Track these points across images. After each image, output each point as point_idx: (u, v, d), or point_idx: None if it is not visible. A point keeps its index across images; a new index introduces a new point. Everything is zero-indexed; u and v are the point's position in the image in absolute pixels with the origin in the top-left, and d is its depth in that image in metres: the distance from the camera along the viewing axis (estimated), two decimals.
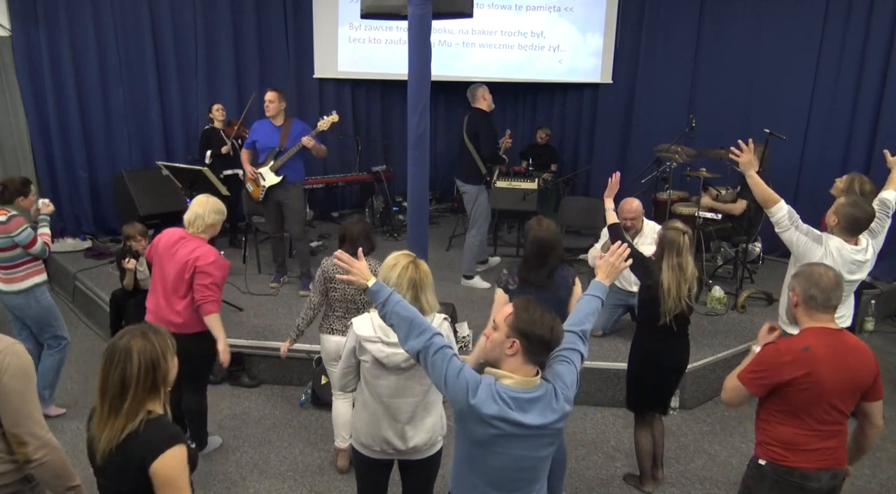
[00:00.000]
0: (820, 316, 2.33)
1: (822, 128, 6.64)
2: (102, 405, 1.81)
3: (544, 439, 2.00)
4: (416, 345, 2.03)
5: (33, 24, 6.49)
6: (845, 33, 6.40)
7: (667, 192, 6.11)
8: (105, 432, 1.80)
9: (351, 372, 2.62)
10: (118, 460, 1.80)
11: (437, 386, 2.03)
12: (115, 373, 1.79)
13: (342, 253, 2.25)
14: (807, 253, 3.15)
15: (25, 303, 3.86)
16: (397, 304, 2.11)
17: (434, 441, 2.64)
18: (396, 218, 7.75)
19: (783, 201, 3.20)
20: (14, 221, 3.75)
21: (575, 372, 2.08)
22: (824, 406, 2.28)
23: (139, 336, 1.83)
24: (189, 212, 3.51)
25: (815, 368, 2.24)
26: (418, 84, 4.07)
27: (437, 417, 2.63)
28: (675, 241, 3.16)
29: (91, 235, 7.12)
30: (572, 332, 2.16)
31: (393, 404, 2.53)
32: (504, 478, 2.02)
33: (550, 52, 8.12)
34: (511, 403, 1.92)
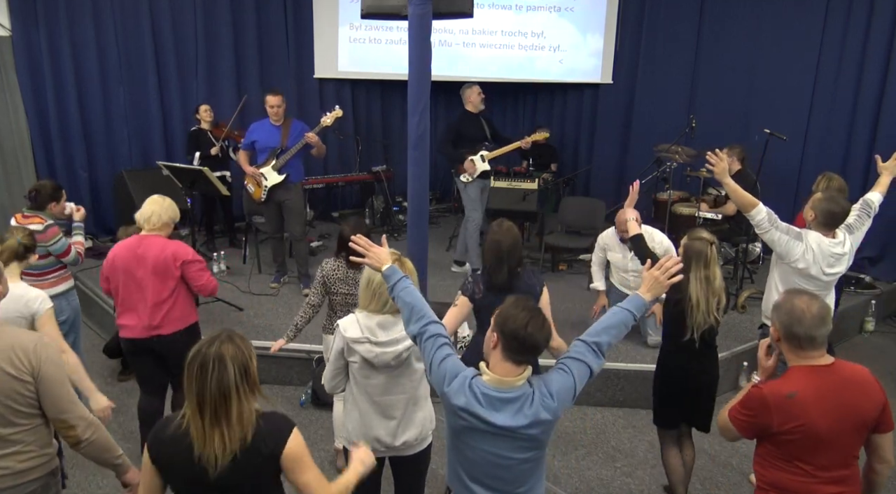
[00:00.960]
0: (807, 354, 2.11)
1: (822, 128, 6.64)
2: (202, 415, 1.78)
3: (518, 442, 1.97)
4: (413, 330, 2.15)
5: (33, 23, 6.49)
6: (845, 33, 6.40)
7: (667, 192, 6.11)
8: (215, 443, 1.78)
9: (340, 373, 2.63)
10: (245, 463, 1.81)
11: (426, 371, 2.12)
12: (212, 382, 1.77)
13: (360, 238, 2.33)
14: (788, 250, 3.22)
15: (58, 307, 3.86)
16: (403, 290, 2.21)
17: (424, 436, 2.65)
18: (396, 218, 7.76)
19: (761, 204, 3.25)
20: (50, 230, 3.78)
21: (570, 383, 1.99)
22: (823, 451, 2.08)
23: (228, 342, 1.83)
24: (143, 209, 3.43)
25: (805, 415, 2.04)
26: (418, 84, 4.07)
27: (426, 411, 2.65)
28: (703, 252, 3.01)
29: (91, 235, 7.11)
30: (584, 342, 2.07)
31: (384, 401, 2.56)
32: (480, 473, 2.05)
33: (550, 52, 8.13)
34: (482, 399, 1.94)
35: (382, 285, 2.45)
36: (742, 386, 4.57)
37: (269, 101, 5.33)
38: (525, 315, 1.93)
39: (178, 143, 7.38)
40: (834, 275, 3.30)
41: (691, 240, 3.09)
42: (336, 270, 3.46)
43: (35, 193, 3.86)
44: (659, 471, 3.75)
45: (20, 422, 2.08)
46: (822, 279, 3.26)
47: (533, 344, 1.93)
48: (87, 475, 3.64)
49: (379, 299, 2.49)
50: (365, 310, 2.53)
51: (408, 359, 2.51)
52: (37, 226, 3.73)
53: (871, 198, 3.52)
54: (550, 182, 7.48)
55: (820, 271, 3.23)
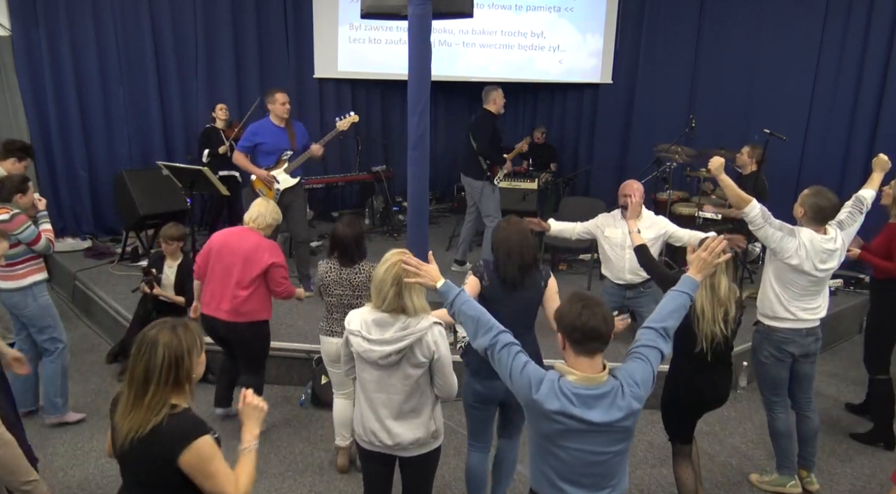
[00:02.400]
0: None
1: (822, 128, 6.64)
2: (129, 393, 1.84)
3: (613, 435, 2.01)
4: (483, 343, 2.13)
5: (33, 24, 6.49)
6: (845, 33, 6.41)
7: (667, 192, 6.11)
8: (127, 421, 1.83)
9: (350, 360, 2.68)
10: (141, 451, 1.83)
11: (504, 380, 2.09)
12: (140, 363, 1.82)
13: (410, 258, 2.33)
14: (782, 246, 3.26)
15: (23, 301, 3.83)
16: (464, 304, 2.20)
17: (424, 442, 2.64)
18: (396, 218, 7.75)
19: (755, 200, 3.29)
20: (17, 219, 3.74)
21: (650, 370, 2.07)
22: None
23: (168, 329, 1.85)
24: (251, 210, 3.82)
25: None
26: (418, 84, 4.07)
27: (425, 420, 2.62)
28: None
29: (91, 235, 7.12)
30: (652, 329, 2.15)
31: (375, 398, 2.58)
32: (574, 472, 2.04)
33: (550, 52, 8.13)
34: (574, 399, 1.95)
35: (383, 282, 2.48)
36: (742, 386, 4.59)
37: (281, 98, 5.27)
38: (577, 305, 1.99)
39: (178, 143, 7.39)
40: (827, 271, 3.33)
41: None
42: (329, 272, 3.46)
43: (0, 185, 3.81)
44: (659, 471, 3.75)
45: None
46: (816, 275, 3.30)
47: (593, 329, 1.96)
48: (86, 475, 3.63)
49: (379, 295, 2.51)
50: (371, 305, 2.57)
51: (399, 363, 2.50)
52: (3, 216, 3.68)
53: (864, 195, 3.55)
54: (550, 182, 7.48)
55: (813, 267, 3.27)
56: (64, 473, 3.59)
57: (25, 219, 3.79)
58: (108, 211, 7.18)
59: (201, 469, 1.85)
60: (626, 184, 4.32)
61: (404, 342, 2.47)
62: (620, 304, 4.74)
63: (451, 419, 4.17)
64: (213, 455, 1.87)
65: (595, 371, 2.00)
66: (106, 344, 5.24)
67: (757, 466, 3.85)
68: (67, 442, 3.90)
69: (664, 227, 4.32)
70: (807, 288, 3.33)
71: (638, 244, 3.46)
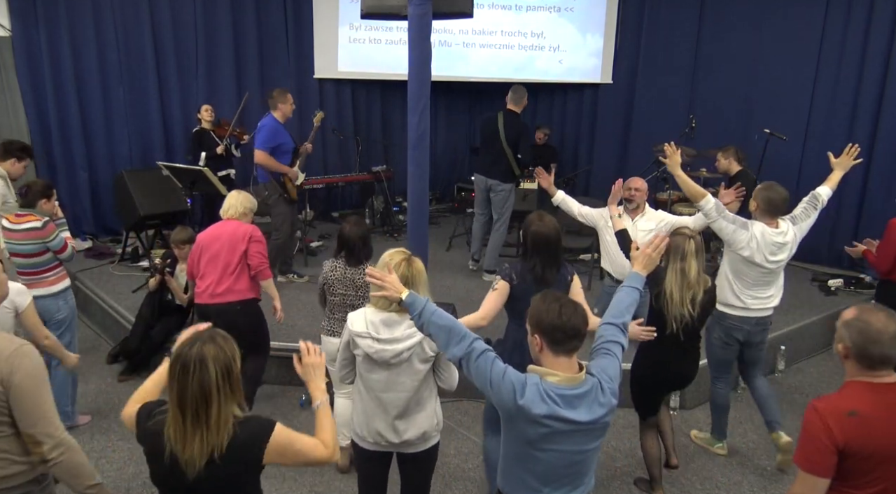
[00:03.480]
0: (876, 373, 1.96)
1: (822, 128, 6.64)
2: (183, 417, 1.75)
3: (594, 433, 2.02)
4: (457, 353, 2.05)
5: (33, 24, 6.49)
6: (845, 33, 6.40)
7: (667, 192, 6.12)
8: (196, 445, 1.75)
9: (348, 364, 2.66)
10: (222, 469, 1.79)
11: (482, 389, 2.02)
12: (193, 383, 1.74)
13: (372, 271, 2.28)
14: (734, 238, 3.46)
15: (56, 306, 3.85)
16: (433, 314, 2.12)
17: (428, 437, 2.66)
18: (396, 218, 7.75)
19: (710, 194, 3.52)
20: (49, 227, 3.78)
21: (617, 364, 2.10)
22: (880, 474, 1.93)
23: (208, 343, 1.79)
24: (224, 204, 3.96)
25: (870, 434, 1.90)
26: (418, 84, 4.07)
27: (430, 412, 2.64)
28: (680, 246, 3.11)
29: (91, 235, 7.12)
30: (613, 325, 2.19)
31: (384, 398, 2.57)
32: (555, 473, 2.04)
33: (550, 52, 8.13)
34: (559, 401, 1.94)
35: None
36: (742, 387, 4.58)
37: (290, 99, 5.48)
38: (555, 305, 1.98)
39: (178, 143, 7.39)
40: (777, 263, 3.51)
41: (673, 234, 3.21)
42: (334, 271, 3.47)
43: (26, 190, 3.84)
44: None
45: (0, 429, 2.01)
46: (766, 266, 3.49)
47: (573, 328, 1.96)
48: None
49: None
50: (373, 306, 2.55)
51: (409, 359, 2.51)
52: (35, 223, 3.72)
53: (820, 192, 3.69)
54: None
55: (764, 259, 3.46)
56: None
57: (55, 227, 3.84)
58: (108, 211, 7.18)
59: (289, 455, 1.89)
60: (631, 180, 4.38)
61: (415, 338, 2.48)
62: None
63: (451, 418, 4.17)
64: (291, 437, 1.90)
65: (574, 370, 1.99)
66: (106, 344, 5.24)
67: (757, 466, 3.85)
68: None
69: (663, 218, 4.32)
70: (758, 279, 3.54)
71: (619, 229, 3.59)
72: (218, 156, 6.49)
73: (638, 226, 4.32)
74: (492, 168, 5.92)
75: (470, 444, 3.99)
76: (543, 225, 3.00)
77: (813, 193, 3.70)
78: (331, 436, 2.01)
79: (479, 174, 6.04)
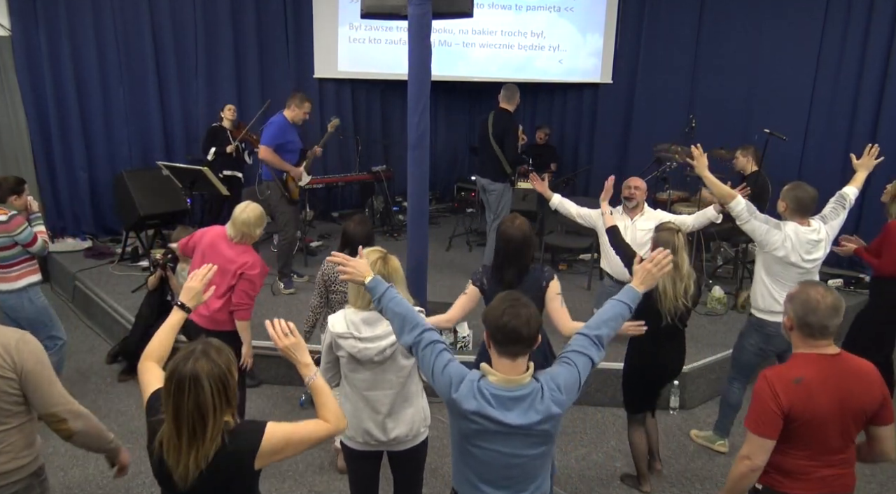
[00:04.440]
0: (816, 343, 2.19)
1: (822, 128, 6.64)
2: (179, 434, 1.74)
3: (530, 439, 1.97)
4: (408, 340, 2.10)
5: (33, 24, 6.49)
6: (845, 33, 6.40)
7: (667, 192, 6.11)
8: (192, 459, 1.74)
9: (332, 367, 2.67)
10: (212, 478, 1.78)
11: (427, 379, 2.09)
12: (189, 402, 1.72)
13: (337, 254, 2.31)
14: (767, 239, 3.44)
15: (19, 304, 3.82)
16: (391, 300, 2.16)
17: (416, 432, 2.67)
18: (396, 218, 7.76)
19: (739, 195, 3.51)
20: (15, 220, 3.75)
21: (575, 375, 2.01)
22: (825, 435, 2.16)
23: (202, 358, 1.76)
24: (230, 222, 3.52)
25: (811, 400, 2.11)
26: (418, 84, 4.07)
27: (417, 408, 2.66)
28: (669, 241, 3.15)
29: (91, 235, 7.12)
30: (584, 336, 2.10)
31: (371, 396, 2.58)
32: (492, 473, 2.03)
33: (550, 52, 8.13)
34: (492, 400, 1.92)
35: None
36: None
37: (306, 107, 5.49)
38: (503, 305, 1.94)
39: (178, 143, 7.39)
40: (814, 262, 3.48)
41: (658, 230, 3.28)
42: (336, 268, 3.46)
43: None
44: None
45: (6, 421, 2.07)
46: (803, 266, 3.45)
47: (512, 331, 1.89)
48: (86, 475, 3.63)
49: (363, 297, 2.51)
50: (352, 307, 2.57)
51: (392, 355, 2.54)
52: (1, 217, 3.70)
53: (847, 192, 3.69)
54: (550, 182, 7.48)
55: (799, 258, 3.43)
56: (64, 473, 3.59)
57: (23, 220, 3.80)
58: (108, 211, 7.18)
59: (290, 448, 1.87)
60: (630, 179, 4.39)
61: None
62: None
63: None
64: (287, 433, 1.86)
65: (517, 373, 1.94)
66: (106, 344, 5.24)
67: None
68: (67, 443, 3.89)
69: (662, 218, 4.32)
70: (796, 280, 3.37)
71: (610, 225, 3.59)
72: (227, 155, 6.48)
73: (637, 225, 4.33)
74: (484, 167, 5.96)
75: None
76: (511, 226, 2.95)
77: (840, 193, 3.69)
78: (332, 410, 1.97)
79: (476, 175, 6.07)
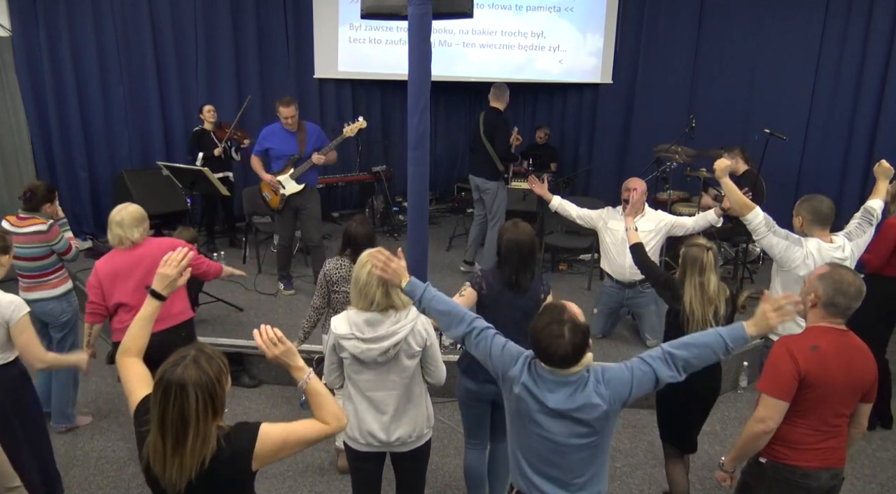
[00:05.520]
0: (836, 320, 2.33)
1: (822, 128, 6.65)
2: (164, 441, 1.73)
3: (572, 426, 2.02)
4: (459, 332, 2.19)
5: (33, 24, 6.48)
6: (845, 33, 6.41)
7: (667, 192, 6.12)
8: (175, 468, 1.73)
9: (336, 369, 2.67)
10: (210, 482, 1.77)
11: (484, 363, 2.17)
12: (173, 410, 1.70)
13: (380, 252, 2.32)
14: (787, 256, 3.16)
15: (60, 309, 3.86)
16: (432, 300, 2.23)
17: (420, 434, 2.67)
18: (396, 218, 7.76)
19: (758, 208, 3.21)
20: (53, 229, 3.81)
21: (627, 377, 2.04)
22: (829, 405, 2.28)
23: (191, 365, 1.73)
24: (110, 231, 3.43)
25: (825, 367, 2.24)
26: (418, 84, 4.07)
27: (421, 409, 2.66)
28: (698, 259, 2.95)
29: (91, 235, 7.12)
30: (661, 349, 2.09)
31: (375, 397, 2.58)
32: (539, 459, 2.09)
33: (550, 52, 8.12)
34: (538, 380, 2.03)
35: (368, 285, 2.48)
36: (743, 386, 4.59)
37: (282, 113, 5.18)
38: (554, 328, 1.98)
39: (178, 143, 7.38)
40: None
41: (688, 246, 3.04)
42: (339, 269, 3.47)
43: (30, 194, 3.82)
44: (659, 471, 3.75)
45: None
46: None
47: (562, 359, 1.98)
48: (86, 475, 3.63)
49: (365, 298, 2.51)
50: (355, 308, 2.56)
51: (396, 356, 2.53)
52: (40, 226, 3.74)
53: (872, 206, 3.45)
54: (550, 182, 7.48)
55: None
56: (64, 473, 3.58)
57: (59, 229, 3.85)
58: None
59: (287, 448, 1.88)
60: (630, 180, 4.35)
61: (400, 334, 2.49)
62: (620, 304, 4.73)
63: (452, 418, 4.17)
64: (283, 434, 1.86)
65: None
66: (106, 344, 5.22)
67: None
68: (67, 443, 3.90)
69: (663, 219, 4.31)
70: None
71: (634, 242, 3.41)
72: (215, 158, 6.46)
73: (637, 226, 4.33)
74: (477, 167, 5.97)
75: None
76: (517, 231, 2.94)
77: (865, 207, 3.44)
78: (329, 410, 1.95)
79: (470, 174, 6.08)
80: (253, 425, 1.85)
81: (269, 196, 5.45)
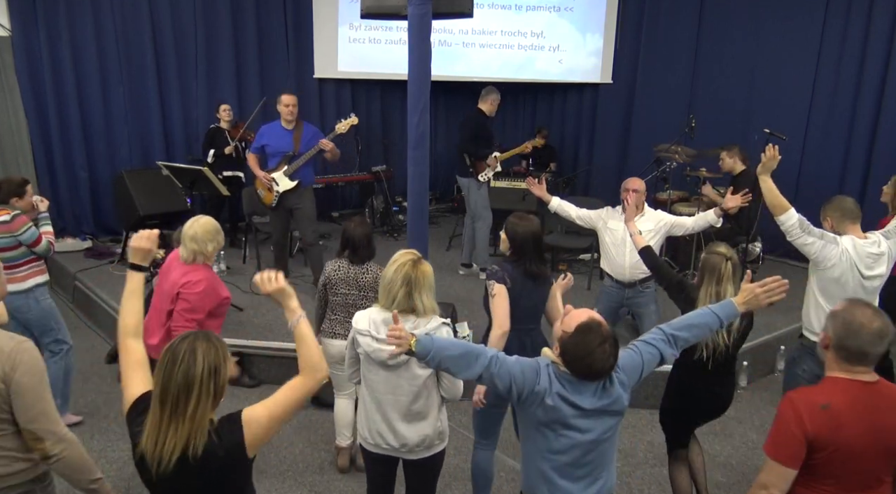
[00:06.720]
0: (852, 368, 1.95)
1: (822, 127, 6.64)
2: (163, 408, 1.72)
3: (603, 421, 2.05)
4: (477, 370, 2.10)
5: (33, 24, 6.48)
6: (845, 33, 6.40)
7: (667, 192, 6.11)
8: (170, 439, 1.71)
9: (354, 363, 2.68)
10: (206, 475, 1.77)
11: (505, 389, 2.07)
12: (179, 373, 1.71)
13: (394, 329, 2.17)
14: (824, 255, 3.07)
15: (25, 305, 3.80)
16: (441, 351, 2.12)
17: (430, 444, 2.64)
18: (396, 218, 7.76)
19: (793, 209, 3.13)
20: (18, 220, 3.72)
21: (639, 361, 2.10)
22: (855, 469, 1.92)
23: (202, 339, 1.77)
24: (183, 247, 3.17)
25: (839, 429, 1.89)
26: (418, 84, 4.07)
27: (432, 420, 2.62)
28: (717, 268, 2.82)
29: (91, 235, 7.12)
30: (661, 330, 2.18)
31: (384, 399, 2.58)
32: (570, 463, 2.08)
33: (550, 52, 8.13)
34: (567, 385, 2.02)
35: (392, 283, 2.50)
36: (742, 386, 4.59)
37: (284, 100, 5.28)
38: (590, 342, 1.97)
39: (178, 143, 7.39)
40: (874, 278, 3.10)
41: (709, 253, 2.92)
42: (337, 270, 3.46)
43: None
44: (658, 471, 3.75)
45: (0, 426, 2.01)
46: (863, 284, 3.07)
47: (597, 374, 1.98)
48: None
49: (388, 296, 2.52)
50: (378, 306, 2.58)
51: (407, 363, 2.50)
52: (4, 217, 3.66)
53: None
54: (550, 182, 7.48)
55: (859, 276, 3.05)
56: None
57: (27, 219, 3.77)
58: (108, 211, 7.18)
59: (276, 420, 1.86)
60: (629, 180, 4.34)
61: None
62: (620, 304, 4.73)
63: (452, 419, 4.16)
64: (266, 410, 1.84)
65: None
66: (106, 344, 5.24)
67: (757, 466, 3.84)
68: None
69: (662, 219, 4.30)
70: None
71: (642, 246, 3.36)
72: (227, 156, 6.48)
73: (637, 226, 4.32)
74: (456, 164, 6.11)
75: (470, 444, 3.97)
76: (529, 222, 2.99)
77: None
78: (306, 357, 1.93)
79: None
80: (234, 415, 1.83)
81: (262, 193, 5.47)
